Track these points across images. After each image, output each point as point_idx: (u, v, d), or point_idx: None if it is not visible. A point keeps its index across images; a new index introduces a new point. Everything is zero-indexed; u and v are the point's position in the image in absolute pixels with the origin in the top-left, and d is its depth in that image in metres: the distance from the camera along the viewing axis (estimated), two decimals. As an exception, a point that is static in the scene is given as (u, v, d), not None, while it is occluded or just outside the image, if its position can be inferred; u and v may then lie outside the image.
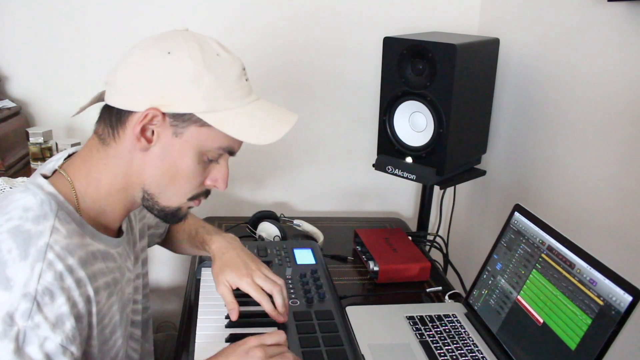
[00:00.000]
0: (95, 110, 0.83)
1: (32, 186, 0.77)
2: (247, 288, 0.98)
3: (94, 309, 0.76)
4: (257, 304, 0.98)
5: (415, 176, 1.39)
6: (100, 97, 0.83)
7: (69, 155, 0.86)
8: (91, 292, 0.75)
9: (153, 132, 0.77)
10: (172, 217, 0.86)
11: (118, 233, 0.89)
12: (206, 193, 0.87)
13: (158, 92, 0.76)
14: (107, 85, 0.80)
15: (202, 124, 0.78)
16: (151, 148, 0.78)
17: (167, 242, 1.22)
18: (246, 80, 0.83)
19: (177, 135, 0.78)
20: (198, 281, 1.16)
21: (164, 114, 0.76)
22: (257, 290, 0.97)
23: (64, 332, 0.70)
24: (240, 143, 0.84)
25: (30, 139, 1.49)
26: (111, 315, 0.82)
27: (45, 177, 0.80)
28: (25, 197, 0.75)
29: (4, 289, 0.67)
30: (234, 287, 0.99)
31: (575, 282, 0.88)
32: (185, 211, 0.86)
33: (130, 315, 0.93)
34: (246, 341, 0.84)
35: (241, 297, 0.99)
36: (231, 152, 0.84)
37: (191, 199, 0.84)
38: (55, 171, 0.82)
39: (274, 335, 0.87)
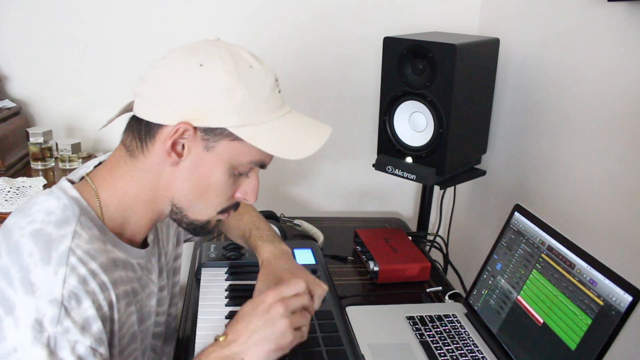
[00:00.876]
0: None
1: (57, 190, 0.77)
2: (290, 281, 0.84)
3: (116, 316, 0.75)
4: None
5: (415, 176, 1.39)
6: (127, 108, 0.82)
7: (99, 163, 0.85)
8: (114, 298, 0.74)
9: (183, 146, 0.76)
10: (201, 229, 0.84)
11: (143, 245, 0.87)
12: (235, 206, 0.85)
13: (190, 105, 0.74)
14: (135, 96, 0.78)
15: (234, 138, 0.76)
16: (181, 162, 0.77)
17: (223, 230, 1.19)
18: (279, 92, 0.81)
19: (209, 150, 0.76)
20: (198, 281, 1.16)
21: (195, 128, 0.74)
22: (295, 284, 0.84)
23: (92, 334, 0.69)
24: (271, 156, 0.81)
25: (30, 139, 1.49)
26: (129, 326, 0.81)
27: (72, 182, 0.79)
28: (49, 200, 0.75)
29: (27, 293, 0.67)
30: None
31: (575, 282, 0.88)
32: (213, 224, 0.85)
33: (151, 328, 0.91)
34: (264, 299, 0.79)
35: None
36: (262, 166, 0.82)
37: (221, 212, 0.83)
38: (82, 178, 0.82)
39: (293, 286, 0.81)
